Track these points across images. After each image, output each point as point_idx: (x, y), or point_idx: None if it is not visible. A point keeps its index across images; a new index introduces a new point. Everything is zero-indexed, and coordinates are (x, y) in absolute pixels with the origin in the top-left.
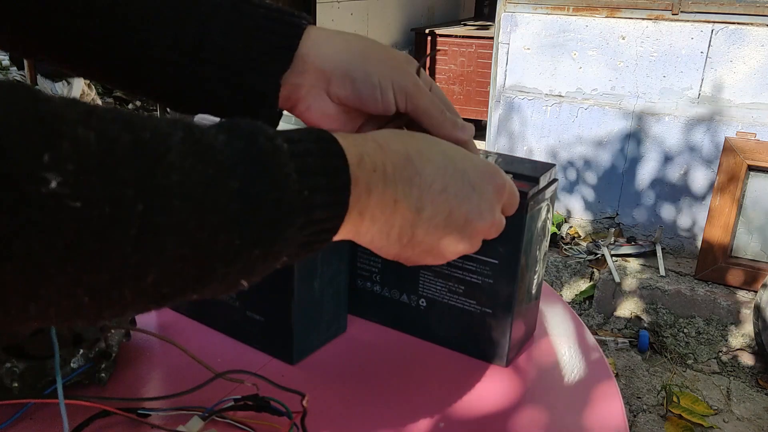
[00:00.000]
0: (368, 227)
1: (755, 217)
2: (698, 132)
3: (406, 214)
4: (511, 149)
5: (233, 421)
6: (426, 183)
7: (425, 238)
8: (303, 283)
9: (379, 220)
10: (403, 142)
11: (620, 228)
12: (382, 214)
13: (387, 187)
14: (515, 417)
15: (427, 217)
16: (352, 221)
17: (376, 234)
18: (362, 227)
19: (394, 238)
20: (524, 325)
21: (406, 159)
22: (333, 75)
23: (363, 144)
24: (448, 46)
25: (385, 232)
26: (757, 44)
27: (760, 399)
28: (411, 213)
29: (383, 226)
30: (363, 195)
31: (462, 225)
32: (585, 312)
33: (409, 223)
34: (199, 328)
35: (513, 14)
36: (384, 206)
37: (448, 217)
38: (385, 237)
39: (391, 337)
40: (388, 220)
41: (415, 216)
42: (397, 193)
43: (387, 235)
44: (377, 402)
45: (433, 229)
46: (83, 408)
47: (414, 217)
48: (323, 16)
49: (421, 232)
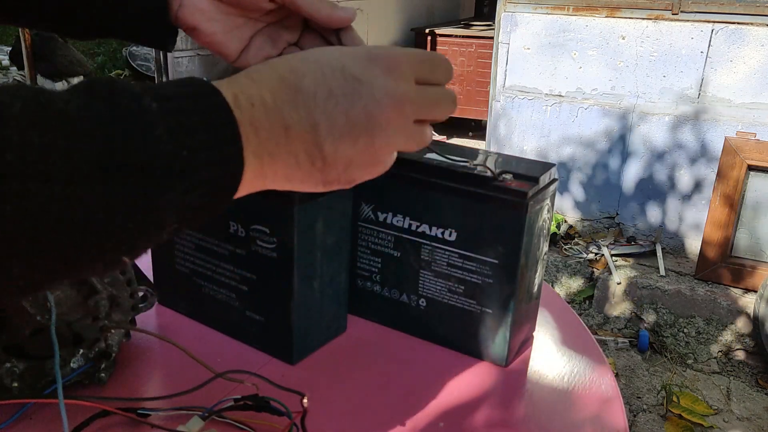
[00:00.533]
0: (272, 166)
1: (755, 217)
2: (698, 132)
3: (303, 136)
4: (511, 149)
5: (233, 421)
6: (309, 96)
7: (338, 152)
8: (303, 283)
9: (279, 154)
10: (273, 67)
11: (620, 228)
12: (278, 146)
13: (271, 117)
14: (515, 417)
15: (324, 130)
16: (252, 169)
17: (285, 170)
18: (266, 169)
19: (307, 164)
20: (524, 325)
21: (281, 81)
22: None
23: (235, 83)
24: (448, 46)
25: (293, 163)
26: (757, 44)
27: (760, 399)
28: (307, 133)
29: (287, 158)
30: (251, 136)
31: (366, 121)
32: (585, 312)
33: (312, 144)
34: (199, 328)
35: (513, 14)
36: (277, 138)
37: (347, 120)
38: (296, 168)
39: (391, 337)
40: (290, 150)
41: (313, 134)
42: (285, 119)
43: (297, 165)
44: (377, 402)
45: (340, 139)
46: (83, 408)
47: (313, 136)
48: None
49: (329, 147)
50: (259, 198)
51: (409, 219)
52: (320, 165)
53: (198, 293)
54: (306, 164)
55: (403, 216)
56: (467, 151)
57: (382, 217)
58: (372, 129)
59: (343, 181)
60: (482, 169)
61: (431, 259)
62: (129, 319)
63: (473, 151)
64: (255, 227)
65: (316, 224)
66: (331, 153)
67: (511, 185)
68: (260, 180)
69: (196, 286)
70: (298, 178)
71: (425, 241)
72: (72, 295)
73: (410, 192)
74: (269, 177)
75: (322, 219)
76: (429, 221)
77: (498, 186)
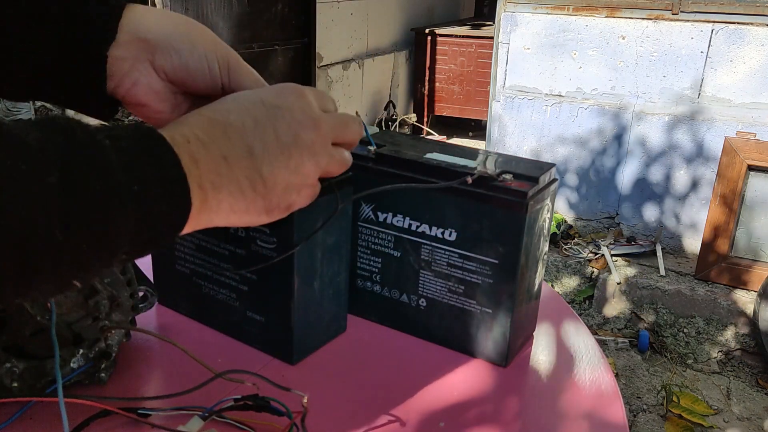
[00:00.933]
0: (216, 197)
1: (755, 217)
2: (698, 132)
3: (242, 162)
4: (511, 149)
5: (233, 421)
6: (238, 128)
7: (275, 174)
8: (303, 283)
9: (222, 183)
10: (198, 112)
11: (620, 228)
12: (219, 176)
13: (209, 149)
14: (515, 417)
15: (260, 153)
16: (198, 201)
17: (230, 199)
18: (210, 201)
19: (249, 190)
20: (524, 325)
21: (209, 120)
22: (158, 46)
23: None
24: (448, 46)
25: (236, 191)
26: (757, 44)
27: (760, 399)
28: (245, 159)
29: (230, 185)
30: (193, 169)
31: (294, 140)
32: (585, 312)
33: (251, 168)
34: (199, 328)
35: (513, 14)
36: (218, 167)
37: (278, 142)
38: (240, 195)
39: (391, 337)
40: (231, 178)
41: (250, 159)
42: (221, 150)
43: (241, 192)
44: (377, 402)
45: (275, 160)
46: (83, 408)
47: (250, 161)
48: (323, 16)
49: (267, 168)
50: None
51: (409, 219)
52: (262, 190)
53: (198, 293)
54: (249, 191)
55: (403, 216)
56: (467, 151)
57: (382, 217)
58: (300, 148)
59: (283, 207)
60: (482, 169)
61: (431, 259)
62: (129, 319)
63: (473, 151)
64: (255, 227)
65: (316, 224)
66: (269, 175)
67: (511, 185)
68: (206, 214)
69: (196, 286)
70: (242, 207)
71: (425, 241)
72: (72, 296)
73: (410, 192)
74: (214, 210)
75: (321, 219)
76: (429, 221)
77: (498, 186)
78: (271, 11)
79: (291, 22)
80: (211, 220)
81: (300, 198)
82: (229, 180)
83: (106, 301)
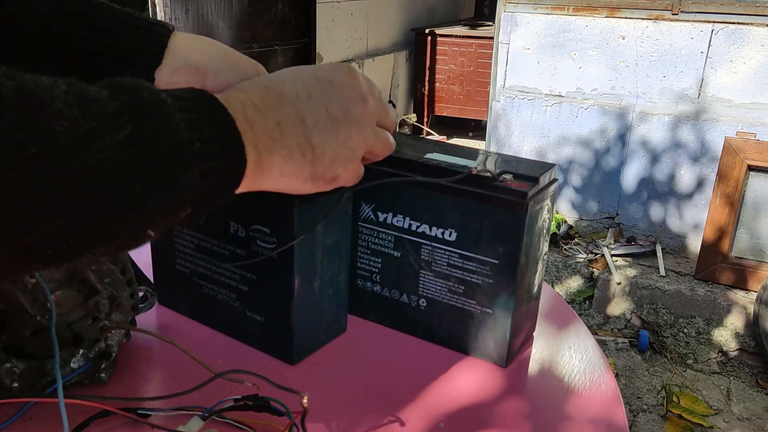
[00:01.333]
0: (269, 159)
1: (755, 217)
2: (698, 132)
3: (294, 130)
4: (511, 149)
5: (233, 421)
6: (292, 98)
7: (324, 144)
8: (303, 283)
9: (275, 148)
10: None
11: (620, 228)
12: (273, 140)
13: (263, 115)
14: (515, 417)
15: (312, 123)
16: (252, 161)
17: (281, 162)
18: (264, 162)
19: (299, 156)
20: (524, 325)
21: (265, 89)
22: (208, 71)
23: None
24: (448, 46)
25: (287, 156)
26: (757, 44)
27: (760, 399)
28: (298, 127)
29: (281, 150)
30: (248, 131)
31: (343, 114)
32: (585, 312)
33: (302, 136)
34: (199, 328)
35: (513, 14)
36: (271, 132)
37: (329, 115)
38: (290, 160)
39: (391, 337)
40: (284, 144)
41: (303, 127)
42: (276, 116)
43: (291, 157)
44: (377, 402)
45: (324, 131)
46: (83, 408)
47: (302, 129)
48: (323, 16)
49: (317, 138)
50: (259, 198)
51: (409, 219)
52: (310, 157)
53: (198, 293)
54: (299, 157)
55: (403, 216)
56: (467, 151)
57: (382, 217)
58: (348, 122)
59: (328, 178)
60: (482, 169)
61: (431, 259)
62: (129, 319)
63: (473, 151)
64: (255, 227)
65: (316, 224)
66: (318, 145)
67: (511, 185)
68: (259, 175)
69: (196, 286)
70: (291, 171)
71: (425, 241)
72: (72, 296)
73: (410, 192)
74: (266, 171)
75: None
76: (429, 221)
77: (498, 186)
78: (271, 11)
79: (291, 22)
80: (263, 181)
81: (345, 173)
82: (281, 145)
83: (106, 301)
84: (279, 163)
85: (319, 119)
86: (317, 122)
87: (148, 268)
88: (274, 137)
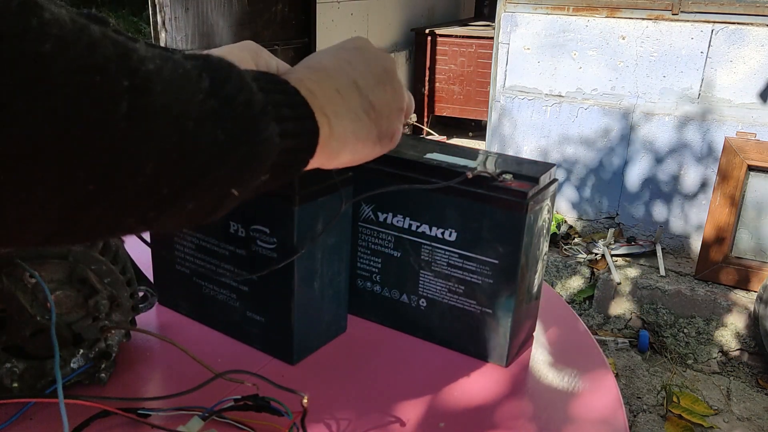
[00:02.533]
0: (340, 123)
1: (755, 217)
2: (698, 132)
3: (352, 94)
4: (511, 149)
5: (233, 421)
6: (337, 68)
7: (381, 101)
8: (303, 283)
9: (341, 112)
10: (291, 69)
11: (620, 228)
12: (337, 105)
13: (322, 84)
14: (515, 417)
15: (364, 85)
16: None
17: (351, 125)
18: (335, 127)
19: (365, 117)
20: (524, 325)
21: (309, 69)
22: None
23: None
24: (448, 46)
25: (354, 118)
26: (757, 44)
27: (760, 399)
28: (354, 90)
29: (347, 113)
30: (312, 98)
31: (384, 72)
32: (585, 312)
33: (361, 97)
34: (199, 328)
35: (513, 14)
36: (333, 99)
37: (372, 74)
38: (359, 122)
39: (391, 337)
40: (348, 107)
41: (358, 90)
42: (333, 84)
43: (359, 120)
44: (377, 402)
45: (377, 89)
46: (83, 408)
47: (358, 92)
48: (323, 16)
49: (373, 96)
50: (259, 198)
51: (409, 219)
52: (374, 116)
53: (198, 293)
54: (365, 118)
55: (403, 216)
56: (467, 151)
57: (382, 217)
58: (389, 75)
59: (389, 136)
60: (482, 169)
61: (431, 260)
62: (129, 319)
63: (473, 151)
64: (255, 227)
65: (316, 224)
66: (376, 101)
67: (511, 185)
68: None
69: (196, 286)
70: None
71: (425, 242)
72: (72, 296)
73: (410, 192)
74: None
75: (322, 219)
76: (429, 221)
77: (498, 186)
78: (271, 11)
79: (291, 22)
80: (339, 149)
81: (398, 122)
82: (346, 108)
83: (106, 301)
84: (351, 126)
85: (368, 80)
86: (367, 83)
87: (148, 268)
88: (338, 103)
